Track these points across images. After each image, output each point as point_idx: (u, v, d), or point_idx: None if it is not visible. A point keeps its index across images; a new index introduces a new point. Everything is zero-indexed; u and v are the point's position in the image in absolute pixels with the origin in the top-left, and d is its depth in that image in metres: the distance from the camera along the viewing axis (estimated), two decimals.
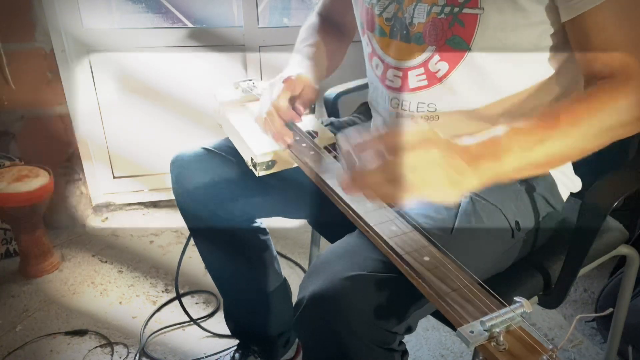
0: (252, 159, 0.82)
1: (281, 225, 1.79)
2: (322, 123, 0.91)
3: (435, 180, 0.56)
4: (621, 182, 0.83)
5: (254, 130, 0.87)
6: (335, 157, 0.79)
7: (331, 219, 0.76)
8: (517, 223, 0.78)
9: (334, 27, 1.04)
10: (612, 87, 0.66)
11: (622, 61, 0.67)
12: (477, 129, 0.81)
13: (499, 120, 0.81)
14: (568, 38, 0.72)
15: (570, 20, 0.68)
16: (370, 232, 0.64)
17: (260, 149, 0.82)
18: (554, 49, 0.75)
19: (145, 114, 1.88)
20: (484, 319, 0.49)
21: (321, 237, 1.19)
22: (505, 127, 0.63)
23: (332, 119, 1.06)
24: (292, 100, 0.85)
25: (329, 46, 1.00)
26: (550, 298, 0.86)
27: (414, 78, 0.81)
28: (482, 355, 0.49)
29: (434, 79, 0.79)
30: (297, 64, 0.92)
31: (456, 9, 0.73)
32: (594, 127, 0.64)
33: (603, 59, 0.68)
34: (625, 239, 0.96)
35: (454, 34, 0.74)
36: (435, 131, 0.58)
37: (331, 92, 1.20)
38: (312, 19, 1.07)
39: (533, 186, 0.82)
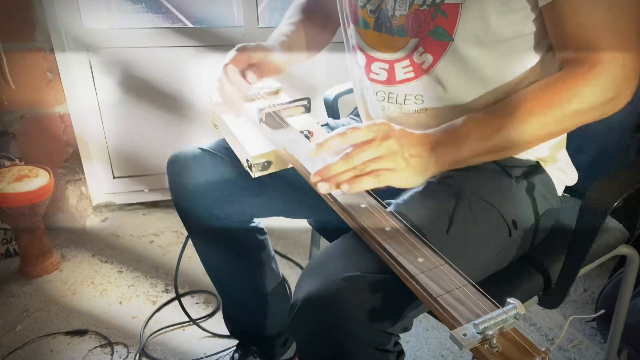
0: (247, 160, 0.82)
1: (281, 225, 1.79)
2: (317, 123, 0.91)
3: (396, 166, 0.65)
4: (621, 182, 0.82)
5: (249, 131, 0.87)
6: None
7: (330, 219, 0.76)
8: (514, 222, 0.78)
9: (320, 10, 1.04)
10: (577, 73, 0.69)
11: (591, 46, 0.68)
12: None
13: None
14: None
15: (547, 4, 0.69)
16: (365, 233, 0.64)
17: (255, 150, 0.81)
18: (537, 35, 0.75)
19: (145, 114, 1.88)
20: (477, 321, 0.48)
21: (321, 237, 1.18)
22: (465, 117, 0.71)
23: (329, 119, 1.06)
24: (248, 69, 0.87)
25: (310, 28, 1.00)
26: (550, 298, 0.85)
27: (401, 70, 0.81)
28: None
29: (420, 70, 0.79)
30: (273, 39, 0.95)
31: (438, 0, 0.73)
32: (555, 113, 0.68)
33: (574, 44, 0.69)
34: (625, 239, 0.96)
35: (437, 25, 0.74)
36: (389, 123, 0.67)
37: (331, 93, 1.19)
38: None
39: (528, 184, 0.82)
